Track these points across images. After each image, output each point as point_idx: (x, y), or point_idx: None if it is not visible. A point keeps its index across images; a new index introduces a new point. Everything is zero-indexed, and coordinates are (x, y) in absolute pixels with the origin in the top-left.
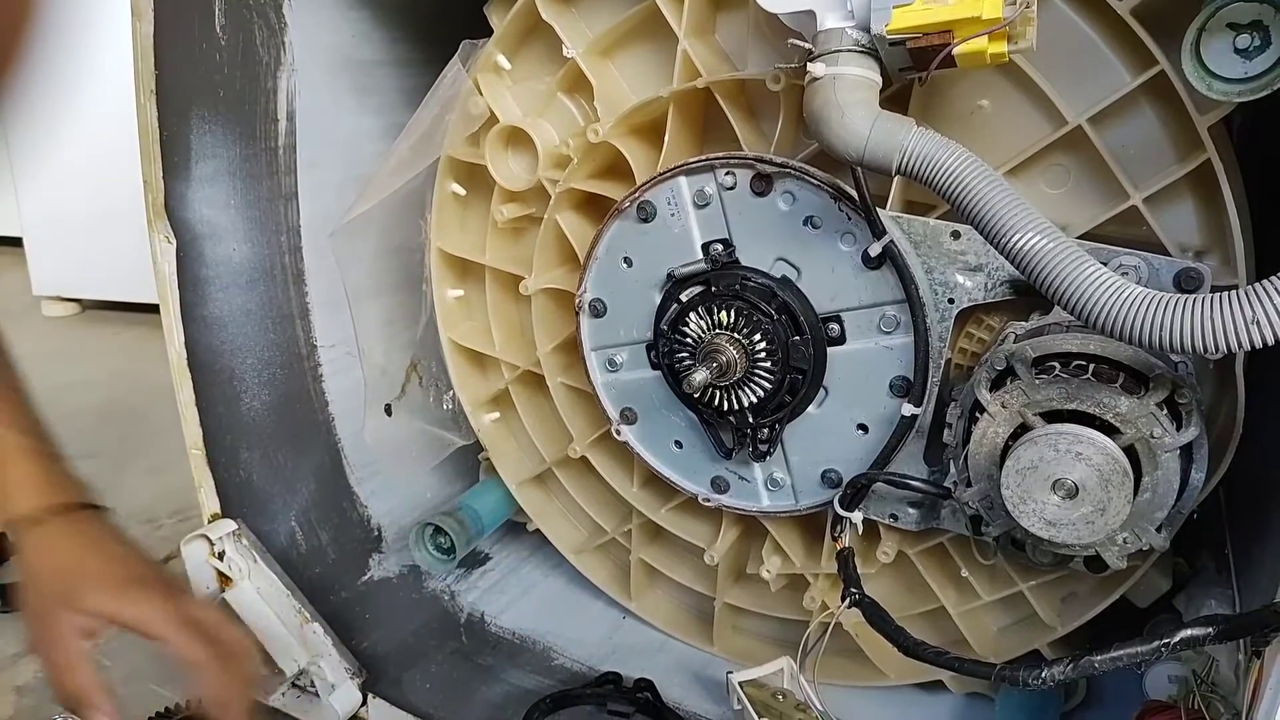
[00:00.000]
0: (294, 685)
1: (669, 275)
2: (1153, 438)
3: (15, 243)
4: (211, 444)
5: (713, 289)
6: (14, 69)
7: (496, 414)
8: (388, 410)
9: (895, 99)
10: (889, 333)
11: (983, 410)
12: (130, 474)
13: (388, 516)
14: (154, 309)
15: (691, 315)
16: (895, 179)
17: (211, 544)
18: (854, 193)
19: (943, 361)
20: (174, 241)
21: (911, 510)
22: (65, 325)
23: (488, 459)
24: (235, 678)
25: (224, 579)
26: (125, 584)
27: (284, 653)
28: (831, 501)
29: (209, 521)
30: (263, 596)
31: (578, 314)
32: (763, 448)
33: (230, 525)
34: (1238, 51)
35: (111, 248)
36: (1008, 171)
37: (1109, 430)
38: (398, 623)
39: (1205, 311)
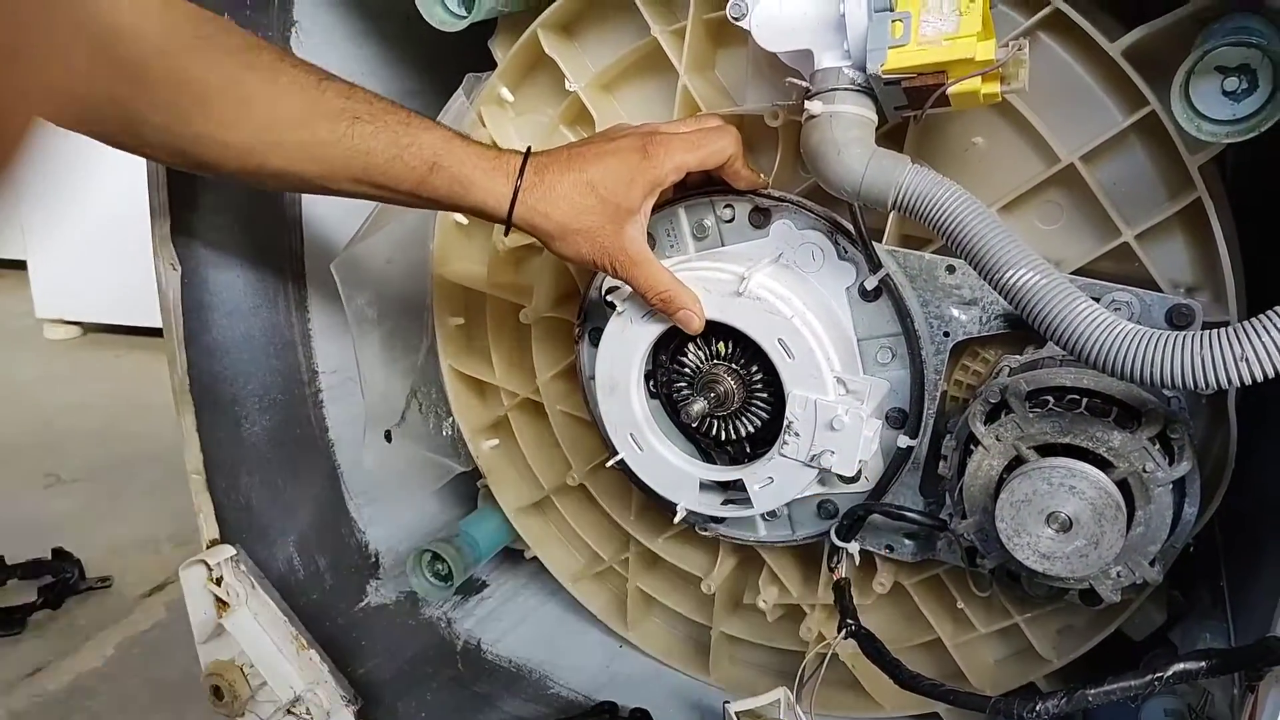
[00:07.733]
0: (289, 713)
1: None
2: (1145, 472)
3: (19, 265)
4: (212, 469)
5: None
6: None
7: (496, 441)
8: (388, 436)
9: (891, 136)
10: (885, 365)
11: (977, 443)
12: (129, 497)
13: (385, 543)
14: (155, 332)
15: (690, 345)
16: (891, 214)
17: (210, 569)
18: (851, 227)
19: (938, 394)
20: (179, 268)
21: (908, 541)
22: (67, 348)
23: (486, 486)
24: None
25: (221, 604)
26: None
27: (280, 679)
28: (828, 532)
29: (207, 547)
30: (259, 622)
31: (577, 342)
32: None
33: (229, 550)
34: (1226, 94)
35: (113, 271)
36: (1001, 208)
37: (1102, 464)
38: (394, 649)
39: (1196, 348)
